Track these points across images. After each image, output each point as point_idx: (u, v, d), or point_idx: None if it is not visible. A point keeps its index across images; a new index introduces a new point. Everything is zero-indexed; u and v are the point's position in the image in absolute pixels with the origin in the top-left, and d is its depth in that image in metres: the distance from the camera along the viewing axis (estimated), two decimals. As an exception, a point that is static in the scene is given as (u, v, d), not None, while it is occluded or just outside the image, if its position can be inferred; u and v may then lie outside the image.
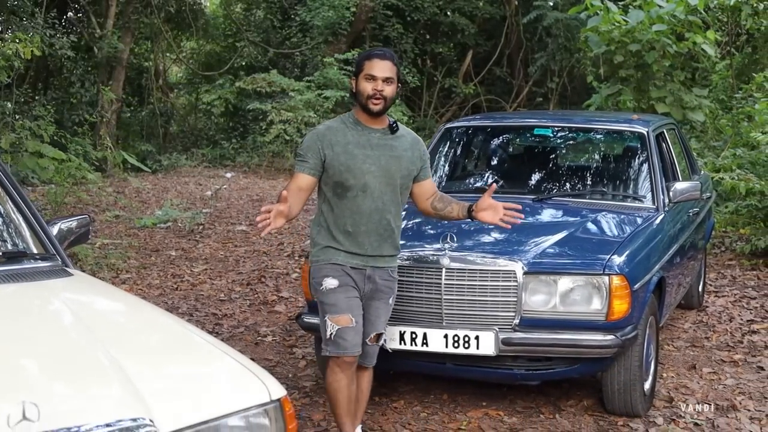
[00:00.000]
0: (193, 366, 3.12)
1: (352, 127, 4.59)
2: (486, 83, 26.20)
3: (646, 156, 6.49)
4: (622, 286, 5.06)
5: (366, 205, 4.56)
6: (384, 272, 4.67)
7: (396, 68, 4.55)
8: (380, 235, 4.59)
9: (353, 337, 4.55)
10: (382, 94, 4.47)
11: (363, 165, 4.53)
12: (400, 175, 4.62)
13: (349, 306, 4.55)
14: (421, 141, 4.80)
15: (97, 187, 12.83)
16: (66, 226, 4.26)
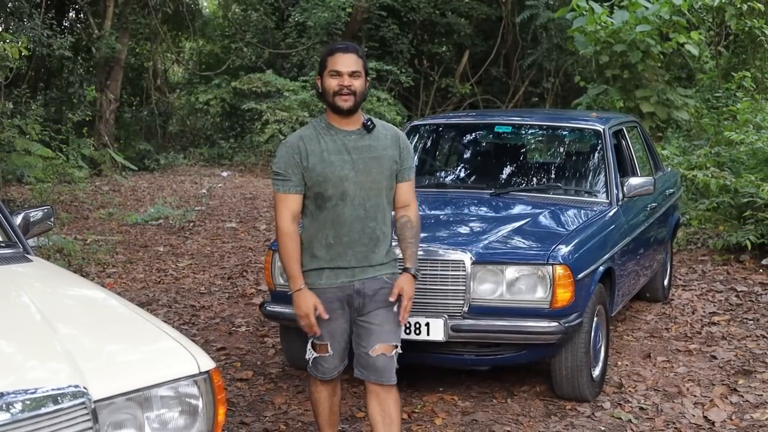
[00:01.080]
0: (128, 341, 3.37)
1: (325, 133, 4.22)
2: (483, 83, 26.42)
3: (602, 152, 6.75)
4: (565, 275, 5.31)
5: (347, 214, 4.21)
6: (376, 282, 4.30)
7: (362, 60, 4.20)
8: (365, 245, 4.26)
9: (330, 362, 4.40)
10: (350, 89, 4.13)
11: (341, 172, 4.17)
12: (383, 177, 4.26)
13: (330, 334, 4.34)
14: (402, 136, 4.39)
15: (86, 185, 13.05)
16: (29, 217, 4.52)
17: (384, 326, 4.31)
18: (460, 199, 6.61)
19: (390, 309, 4.31)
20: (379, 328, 4.31)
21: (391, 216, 4.37)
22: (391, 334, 4.34)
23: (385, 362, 4.32)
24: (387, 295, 4.29)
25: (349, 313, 4.33)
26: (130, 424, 3.08)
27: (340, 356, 4.43)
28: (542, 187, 6.78)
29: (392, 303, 4.28)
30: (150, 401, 3.13)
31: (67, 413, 2.88)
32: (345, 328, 4.36)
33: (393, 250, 4.41)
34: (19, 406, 2.81)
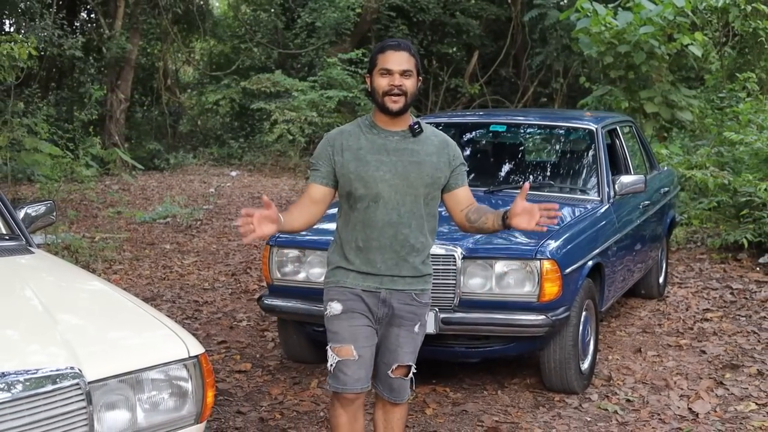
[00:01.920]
0: (122, 326, 3.56)
1: (367, 131, 4.01)
2: (493, 84, 26.58)
3: (594, 151, 6.91)
4: (552, 270, 5.47)
5: (378, 218, 3.97)
6: (404, 296, 4.05)
7: (414, 59, 3.95)
8: (396, 252, 3.99)
9: (355, 372, 4.01)
10: (401, 89, 3.89)
11: (376, 173, 3.94)
12: (422, 183, 3.98)
13: (353, 335, 4.01)
14: (452, 144, 4.12)
15: (95, 183, 13.26)
16: (32, 211, 4.72)
17: (404, 348, 4.12)
18: (455, 197, 6.76)
19: (411, 330, 4.11)
20: (399, 349, 4.11)
21: (429, 226, 4.09)
22: (409, 355, 4.15)
23: (401, 384, 4.19)
24: (411, 314, 4.09)
25: (373, 322, 4.07)
26: (123, 404, 3.26)
27: (366, 368, 4.07)
28: (535, 185, 6.93)
29: (412, 325, 4.10)
30: (141, 383, 3.31)
31: (62, 393, 3.06)
32: (369, 333, 4.06)
33: (429, 265, 4.15)
34: (18, 386, 2.99)
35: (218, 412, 5.60)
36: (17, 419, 2.96)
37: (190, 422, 3.43)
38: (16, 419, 2.96)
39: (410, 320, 4.10)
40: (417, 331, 4.14)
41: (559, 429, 5.35)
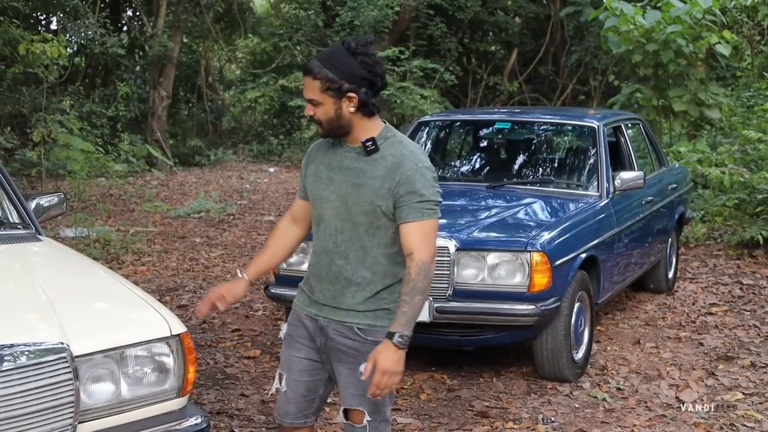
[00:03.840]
0: (111, 307, 3.88)
1: (335, 144, 3.60)
2: (532, 81, 26.73)
3: (595, 148, 7.12)
4: (542, 261, 5.71)
5: (318, 243, 3.61)
6: (343, 328, 3.55)
7: (318, 81, 3.40)
8: (332, 284, 3.56)
9: (283, 404, 3.77)
10: (314, 118, 3.49)
11: (323, 192, 3.56)
12: (359, 211, 3.47)
13: (288, 365, 3.74)
14: (406, 166, 3.40)
15: (132, 178, 13.65)
16: (43, 202, 5.05)
17: (348, 389, 3.59)
18: (457, 191, 7.03)
19: (355, 369, 3.52)
20: (344, 390, 3.62)
21: (375, 260, 3.51)
22: (355, 398, 3.58)
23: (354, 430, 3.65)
24: (353, 350, 3.55)
25: (316, 352, 3.68)
26: (108, 378, 3.56)
27: (296, 403, 3.74)
28: (536, 181, 7.18)
29: (356, 364, 3.52)
30: (126, 359, 3.60)
31: (50, 366, 3.35)
32: (305, 366, 3.70)
33: (387, 300, 3.54)
34: (9, 357, 3.29)
35: (222, 394, 5.90)
36: (8, 388, 3.26)
37: (173, 396, 3.72)
38: (7, 387, 3.25)
39: (352, 357, 3.54)
40: (362, 370, 3.46)
41: (546, 414, 5.58)
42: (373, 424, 3.61)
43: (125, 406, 3.60)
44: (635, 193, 7.25)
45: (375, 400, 3.54)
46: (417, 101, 20.54)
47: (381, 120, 3.55)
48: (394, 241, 3.50)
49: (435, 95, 21.86)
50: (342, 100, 3.42)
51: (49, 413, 3.34)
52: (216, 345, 6.99)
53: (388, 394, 3.56)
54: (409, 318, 3.40)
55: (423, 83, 22.08)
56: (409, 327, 3.41)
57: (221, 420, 5.50)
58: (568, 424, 5.43)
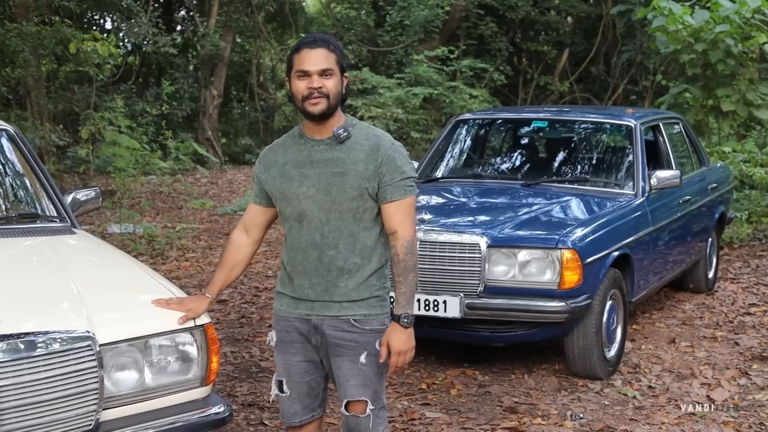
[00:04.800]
0: (137, 297, 3.96)
1: (296, 142, 3.65)
2: (583, 81, 26.63)
3: (632, 147, 7.13)
4: (572, 259, 5.74)
5: (303, 239, 3.60)
6: (338, 322, 3.59)
7: (334, 55, 3.53)
8: (323, 277, 3.58)
9: (288, 407, 3.79)
10: (321, 91, 3.48)
11: (299, 188, 3.57)
12: (347, 197, 3.53)
13: (286, 370, 3.75)
14: (385, 146, 3.54)
15: (179, 176, 13.84)
16: (80, 196, 5.19)
17: (350, 381, 3.62)
18: (493, 189, 7.08)
19: (355, 360, 3.59)
20: (345, 383, 3.64)
21: (364, 245, 3.59)
22: (358, 389, 3.63)
23: (357, 423, 3.68)
24: (352, 342, 3.59)
25: (312, 351, 3.71)
26: (132, 366, 3.67)
27: (301, 401, 3.78)
28: (572, 179, 7.20)
29: (356, 355, 3.59)
30: (150, 348, 3.70)
31: (75, 353, 3.45)
32: (305, 368, 3.72)
33: (376, 286, 3.62)
34: (37, 345, 3.39)
35: (255, 387, 6.00)
36: (35, 374, 3.36)
37: (196, 385, 3.82)
38: (34, 373, 3.36)
39: (352, 349, 3.59)
40: (364, 361, 3.57)
41: (575, 410, 5.61)
42: (374, 412, 3.67)
43: (149, 394, 3.70)
44: (672, 192, 7.25)
45: (375, 387, 3.65)
46: (466, 101, 20.56)
47: None
48: (377, 223, 3.61)
49: (485, 95, 21.85)
50: (342, 77, 3.58)
51: (74, 399, 3.45)
52: (252, 339, 7.09)
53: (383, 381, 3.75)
54: (408, 297, 3.54)
55: (473, 83, 22.10)
56: (410, 306, 3.55)
57: (252, 412, 5.59)
58: (596, 420, 5.45)
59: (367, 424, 3.66)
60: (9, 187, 5.16)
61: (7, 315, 3.42)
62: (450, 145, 7.81)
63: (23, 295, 3.79)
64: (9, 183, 5.17)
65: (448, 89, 20.98)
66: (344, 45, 24.77)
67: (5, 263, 4.28)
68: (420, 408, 5.67)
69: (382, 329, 3.59)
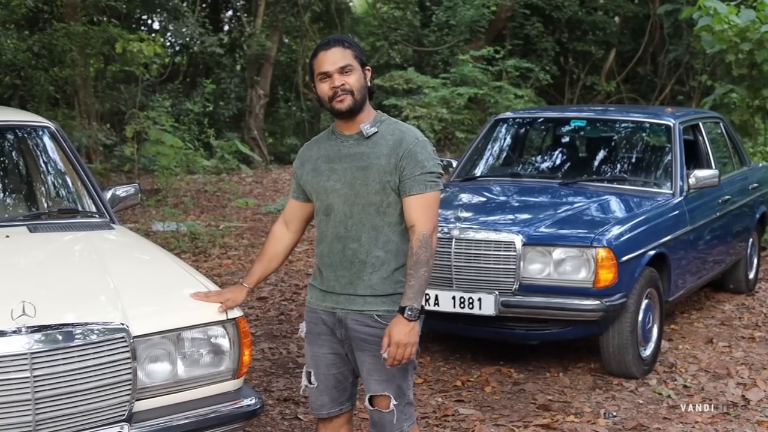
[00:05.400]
0: (172, 291, 4.05)
1: (329, 138, 3.78)
2: (630, 81, 26.49)
3: (670, 146, 7.12)
4: (607, 257, 5.75)
5: (329, 232, 3.70)
6: (362, 317, 3.66)
7: (352, 50, 3.64)
8: (347, 270, 3.65)
9: (316, 398, 3.86)
10: (344, 88, 3.58)
11: (327, 182, 3.68)
12: (369, 191, 3.61)
13: (314, 362, 3.83)
14: (408, 141, 3.61)
15: (211, 174, 13.96)
16: (120, 192, 5.29)
17: (373, 375, 3.69)
18: (530, 188, 7.12)
19: (378, 356, 3.61)
20: (369, 378, 3.70)
21: (388, 239, 3.64)
22: (381, 384, 3.68)
23: (381, 417, 3.73)
24: (375, 337, 3.63)
25: (338, 344, 3.78)
26: (165, 358, 3.75)
27: (329, 393, 3.84)
28: (609, 178, 7.20)
29: (379, 350, 3.60)
30: (182, 340, 3.79)
31: (109, 344, 3.54)
32: (332, 360, 3.79)
33: (401, 282, 3.63)
34: (74, 335, 3.48)
35: (291, 382, 6.07)
36: (70, 364, 3.45)
37: (228, 377, 3.89)
38: (70, 363, 3.45)
39: (374, 344, 3.63)
40: (385, 356, 3.56)
41: (609, 408, 5.62)
42: (399, 408, 3.70)
43: (181, 385, 3.78)
44: (711, 191, 7.23)
45: (399, 383, 3.68)
46: (511, 101, 20.53)
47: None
48: (403, 218, 3.64)
49: (530, 95, 21.82)
50: (364, 71, 3.67)
51: (108, 389, 3.54)
52: (290, 336, 7.16)
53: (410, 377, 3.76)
54: (416, 291, 3.54)
55: (519, 83, 22.08)
56: (418, 300, 3.54)
57: (287, 407, 5.67)
58: (629, 419, 5.46)
59: (391, 419, 3.70)
60: (50, 183, 5.29)
61: (45, 306, 3.50)
62: (489, 143, 7.86)
63: (61, 287, 3.90)
64: (50, 179, 5.30)
65: (493, 89, 20.97)
66: (390, 45, 24.88)
67: (46, 257, 4.40)
68: (453, 405, 5.71)
69: None
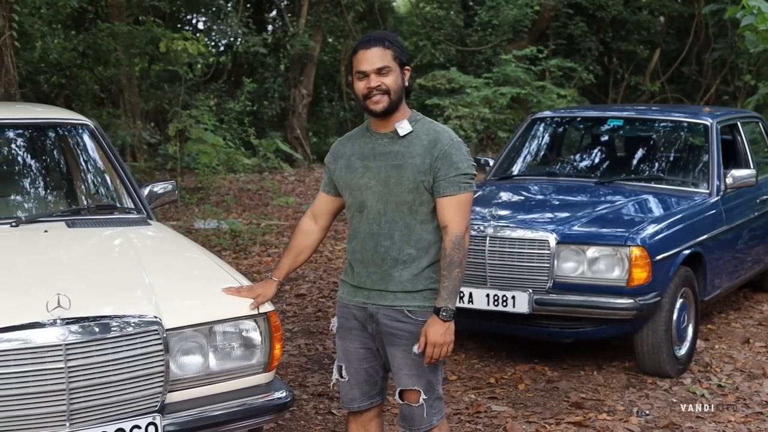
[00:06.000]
0: (205, 286, 4.12)
1: (363, 135, 3.80)
2: (675, 81, 26.31)
3: (707, 145, 7.11)
4: (641, 256, 5.75)
5: (362, 228, 3.74)
6: (393, 312, 3.70)
7: (392, 50, 3.64)
8: (378, 266, 3.70)
9: (347, 392, 3.92)
10: (380, 89, 3.60)
11: (361, 180, 3.71)
12: (403, 190, 3.64)
13: (345, 356, 3.89)
14: (443, 142, 3.65)
15: (254, 172, 14.07)
16: (157, 189, 5.38)
17: (403, 370, 3.73)
18: (566, 187, 7.13)
19: (408, 350, 3.68)
20: (399, 372, 3.75)
21: (419, 237, 3.69)
22: (411, 378, 3.73)
23: (410, 411, 3.79)
24: (405, 332, 3.69)
25: (369, 339, 3.83)
26: (197, 351, 3.82)
27: (360, 387, 3.90)
28: (646, 177, 7.20)
29: (409, 345, 3.68)
30: (214, 334, 3.86)
31: (142, 337, 3.62)
32: (363, 355, 3.85)
33: (432, 279, 3.70)
34: (109, 327, 3.57)
35: (326, 378, 6.12)
36: (105, 355, 3.54)
37: (259, 370, 3.96)
38: (103, 355, 3.53)
39: (405, 339, 3.69)
40: (417, 352, 3.66)
41: (642, 407, 5.63)
42: (428, 402, 3.74)
43: (213, 378, 3.86)
44: (749, 191, 7.21)
45: (429, 378, 3.73)
46: (554, 100, 20.46)
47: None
48: (435, 217, 3.68)
49: (573, 95, 21.74)
50: (402, 72, 3.68)
51: (141, 381, 3.61)
52: (327, 332, 7.22)
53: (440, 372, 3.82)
54: (450, 292, 3.60)
55: (562, 83, 22.01)
56: (452, 300, 3.61)
57: (321, 401, 5.73)
58: (662, 417, 5.46)
59: (421, 413, 3.75)
60: (89, 180, 5.40)
61: (80, 299, 3.59)
62: (526, 142, 7.88)
63: (96, 280, 3.99)
64: (89, 176, 5.40)
65: (536, 89, 20.92)
66: (433, 44, 24.88)
67: (82, 252, 4.50)
68: (486, 401, 5.74)
69: None
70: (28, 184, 5.44)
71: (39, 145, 5.59)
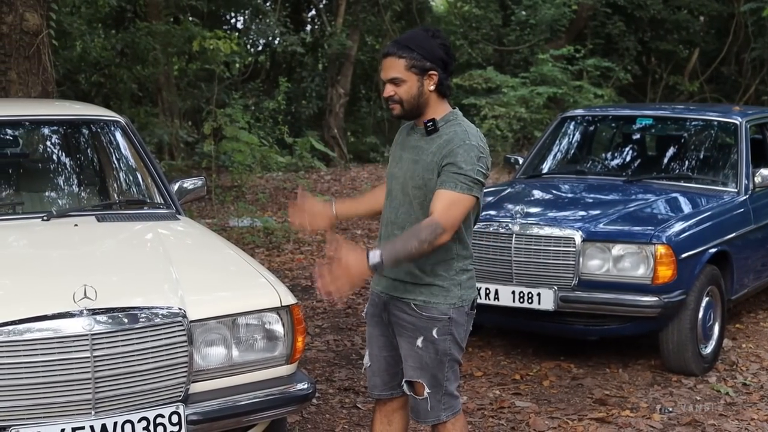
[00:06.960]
0: (229, 279, 4.23)
1: (410, 127, 3.87)
2: (714, 81, 26.17)
3: (736, 144, 7.11)
4: (666, 254, 5.79)
5: (385, 215, 3.87)
6: (401, 303, 3.78)
7: (404, 60, 3.62)
8: None
9: (370, 378, 4.04)
10: (393, 99, 3.67)
11: (393, 168, 3.84)
12: (413, 185, 3.71)
13: (369, 342, 4.02)
14: (455, 142, 3.63)
15: (290, 171, 14.17)
16: (187, 185, 5.49)
17: (408, 361, 3.80)
18: (594, 185, 7.16)
19: (412, 343, 3.76)
20: (405, 362, 3.83)
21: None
22: (414, 371, 3.79)
23: (416, 404, 3.86)
24: (411, 325, 3.74)
25: (386, 327, 3.91)
26: (220, 342, 3.91)
27: (381, 375, 3.99)
28: (674, 176, 7.22)
29: (413, 338, 3.75)
30: (237, 326, 3.94)
31: (167, 328, 3.71)
32: (382, 343, 3.94)
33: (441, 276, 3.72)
34: (135, 318, 3.66)
35: (353, 373, 6.21)
36: (130, 345, 3.63)
37: (281, 362, 4.04)
38: (129, 345, 3.63)
39: (410, 332, 3.76)
40: (420, 345, 3.73)
41: (665, 404, 5.65)
42: (435, 397, 3.79)
43: (236, 369, 3.94)
44: (778, 189, 7.20)
45: (434, 373, 3.76)
46: (591, 100, 20.41)
47: (449, 104, 3.77)
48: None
49: (611, 94, 21.68)
50: (424, 78, 3.64)
51: (165, 371, 3.71)
52: (356, 329, 7.30)
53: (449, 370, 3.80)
54: (391, 249, 3.54)
55: (599, 82, 21.96)
56: (387, 253, 3.52)
57: (347, 396, 5.81)
58: (684, 414, 5.49)
59: (425, 406, 3.80)
60: (119, 175, 5.52)
61: (106, 290, 3.68)
62: (556, 141, 7.92)
63: (122, 272, 4.11)
64: (119, 171, 5.52)
65: (573, 89, 20.88)
66: (470, 44, 24.90)
67: (110, 245, 4.62)
68: (511, 397, 5.79)
69: (440, 318, 3.71)
70: (60, 179, 5.57)
71: (71, 141, 5.73)
